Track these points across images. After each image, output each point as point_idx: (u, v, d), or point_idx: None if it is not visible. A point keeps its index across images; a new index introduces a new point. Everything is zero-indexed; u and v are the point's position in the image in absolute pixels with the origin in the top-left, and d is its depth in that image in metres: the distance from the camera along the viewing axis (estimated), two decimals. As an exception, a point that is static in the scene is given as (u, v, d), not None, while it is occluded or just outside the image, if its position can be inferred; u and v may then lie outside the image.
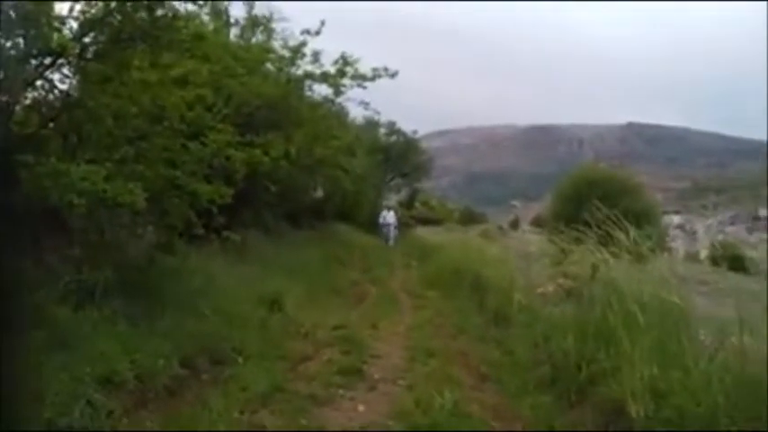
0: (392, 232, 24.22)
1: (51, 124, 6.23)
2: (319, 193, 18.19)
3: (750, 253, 41.44)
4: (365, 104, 13.34)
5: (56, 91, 6.07)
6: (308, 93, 12.88)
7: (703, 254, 39.06)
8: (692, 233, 56.10)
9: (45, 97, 6.09)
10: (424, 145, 36.98)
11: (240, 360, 5.87)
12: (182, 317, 5.78)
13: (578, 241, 6.84)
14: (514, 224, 54.78)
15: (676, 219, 57.98)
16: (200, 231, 7.24)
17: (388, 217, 24.38)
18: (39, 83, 5.80)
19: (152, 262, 6.51)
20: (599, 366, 4.59)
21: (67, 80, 6.13)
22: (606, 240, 6.01)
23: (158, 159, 6.45)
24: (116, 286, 5.40)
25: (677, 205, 75.00)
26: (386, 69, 12.57)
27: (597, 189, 15.17)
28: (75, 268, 5.23)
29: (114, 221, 6.22)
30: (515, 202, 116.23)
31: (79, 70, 5.90)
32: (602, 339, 4.77)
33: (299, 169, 12.54)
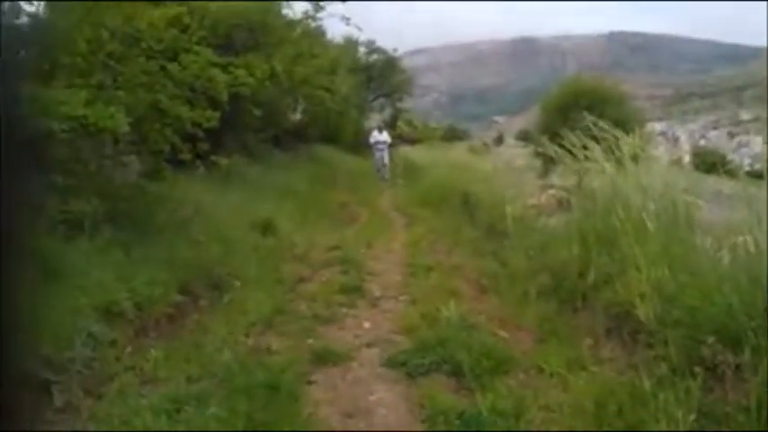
0: (385, 156, 19.68)
1: (22, 51, 5.90)
2: (297, 116, 17.72)
3: (730, 156, 41.94)
4: (346, 20, 12.81)
5: (23, 14, 5.73)
6: (286, 11, 12.36)
7: (686, 159, 39.38)
8: (675, 139, 56.37)
9: (12, 21, 5.73)
10: (404, 63, 36.12)
11: (238, 284, 5.80)
12: (175, 244, 5.67)
13: (565, 152, 6.77)
14: (498, 140, 54.68)
15: (659, 126, 58.02)
16: (186, 157, 7.03)
17: (380, 137, 19.83)
18: (5, 4, 5.44)
19: (140, 190, 6.33)
20: (602, 273, 4.55)
21: (36, 3, 5.79)
22: (594, 149, 5.94)
23: (138, 83, 6.18)
24: (105, 216, 5.25)
25: (660, 112, 74.84)
26: (366, -19, 12.02)
27: (582, 100, 15.04)
28: (60, 199, 5.04)
29: (97, 150, 6.01)
30: (498, 118, 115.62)
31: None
32: (606, 246, 4.71)
33: (282, 91, 12.18)
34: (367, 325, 4.75)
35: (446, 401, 3.26)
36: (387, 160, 19.64)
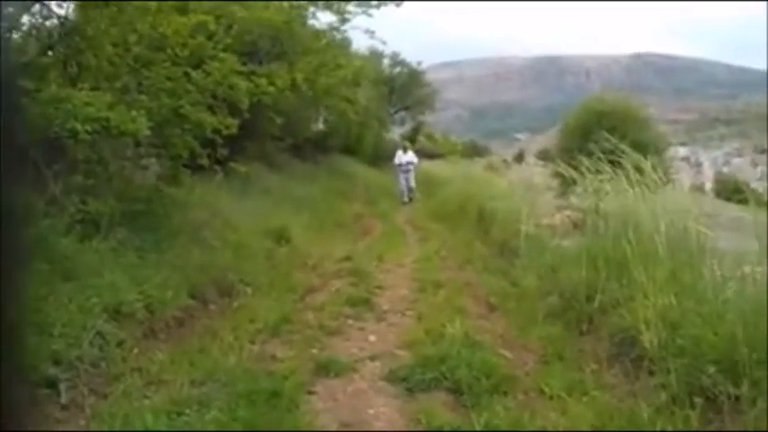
0: (411, 178, 17.68)
1: (50, 52, 6.06)
2: (320, 126, 17.86)
3: (753, 185, 41.44)
4: (371, 33, 12.92)
5: (53, 17, 5.88)
6: (312, 21, 12.49)
7: (708, 186, 39.07)
8: (698, 165, 55.89)
9: (42, 23, 5.89)
10: (428, 77, 36.24)
11: (248, 291, 5.87)
12: (189, 248, 5.76)
13: (584, 173, 6.73)
14: (519, 157, 54.47)
15: (682, 150, 57.54)
16: (205, 162, 7.13)
17: (405, 157, 17.85)
18: (36, 7, 5.60)
19: (158, 193, 6.44)
20: (610, 297, 4.55)
21: (65, 5, 5.94)
22: (614, 171, 5.92)
23: (161, 88, 6.30)
24: (122, 217, 5.35)
25: (684, 137, 74.09)
26: (392, -5, 12.08)
27: (604, 121, 14.93)
28: (79, 199, 5.15)
29: (118, 152, 6.12)
30: (520, 135, 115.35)
31: (76, -6, 5.69)
32: (614, 270, 4.71)
33: (303, 101, 12.30)
34: (372, 338, 4.77)
35: (443, 418, 3.27)
36: (413, 183, 17.77)
